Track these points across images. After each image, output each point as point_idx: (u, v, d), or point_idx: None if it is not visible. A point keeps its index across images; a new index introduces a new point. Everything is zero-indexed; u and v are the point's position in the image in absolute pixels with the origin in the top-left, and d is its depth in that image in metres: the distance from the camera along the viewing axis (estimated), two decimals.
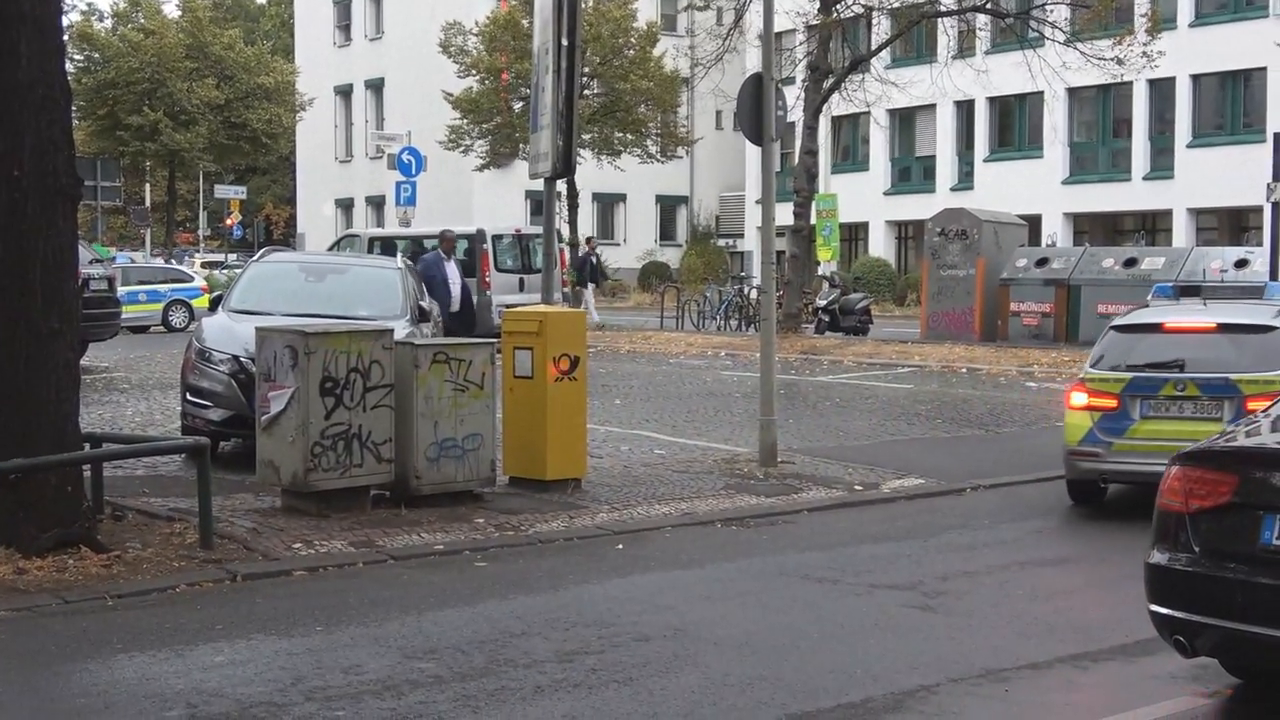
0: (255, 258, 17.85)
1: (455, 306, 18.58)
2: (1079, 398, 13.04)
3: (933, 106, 51.86)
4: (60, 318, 10.28)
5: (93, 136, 55.98)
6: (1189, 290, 14.87)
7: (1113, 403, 12.81)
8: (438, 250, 19.49)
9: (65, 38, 10.73)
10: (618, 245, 65.07)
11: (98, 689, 7.54)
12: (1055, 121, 48.46)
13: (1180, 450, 7.43)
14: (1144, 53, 32.79)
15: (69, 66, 10.82)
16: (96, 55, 55.06)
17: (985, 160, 53.46)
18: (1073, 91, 47.49)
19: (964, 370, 26.63)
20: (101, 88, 54.07)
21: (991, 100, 51.88)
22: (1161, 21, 39.97)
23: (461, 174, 55.05)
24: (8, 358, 10.20)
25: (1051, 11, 34.37)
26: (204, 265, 55.65)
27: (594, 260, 40.36)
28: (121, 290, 30.17)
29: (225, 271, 49.76)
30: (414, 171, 38.54)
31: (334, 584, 10.03)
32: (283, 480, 11.84)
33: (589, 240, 42.32)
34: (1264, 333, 12.72)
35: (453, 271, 18.91)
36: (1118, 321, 13.70)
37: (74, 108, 10.89)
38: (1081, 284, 30.48)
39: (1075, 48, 33.18)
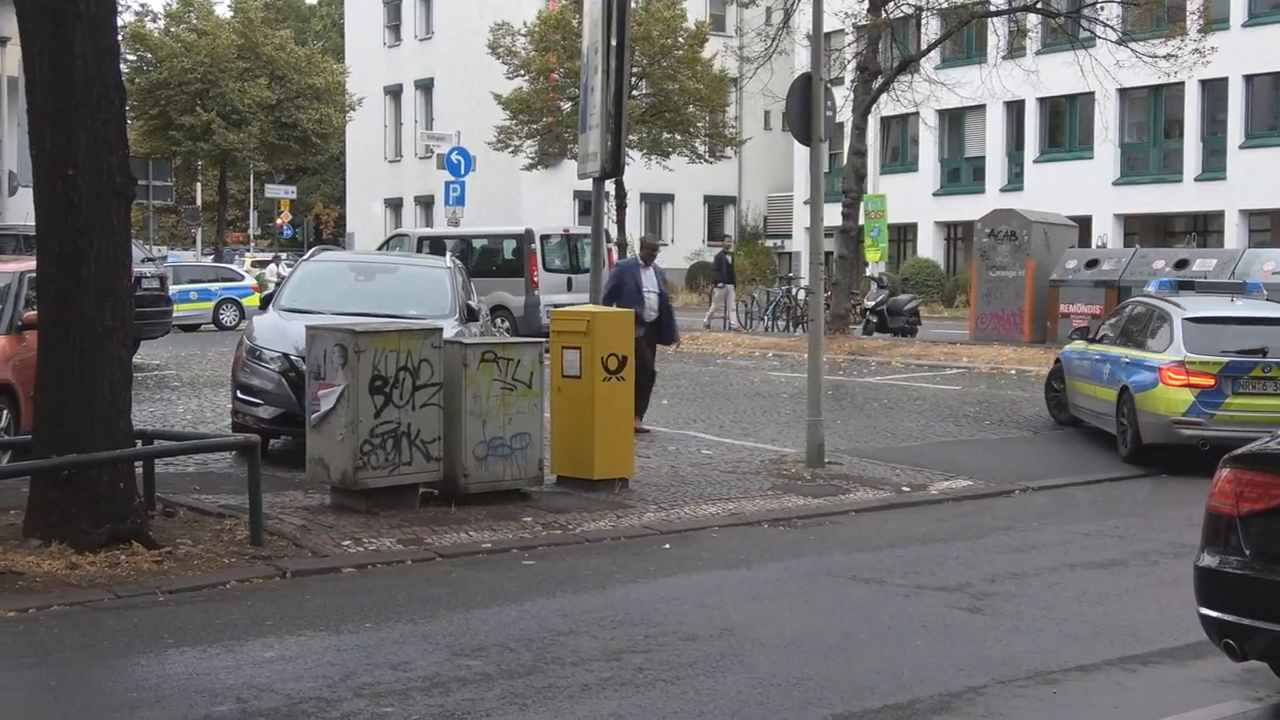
0: (305, 257, 17.93)
1: (651, 316, 17.18)
2: (1178, 378, 15.51)
3: (982, 107, 51.59)
4: (114, 315, 10.37)
5: (145, 136, 56.29)
6: (1185, 285, 18.47)
7: (1211, 381, 15.42)
8: (635, 255, 17.70)
9: (119, 38, 10.80)
10: (665, 245, 64.99)
11: (149, 683, 7.61)
12: (1106, 122, 48.15)
13: (1240, 450, 7.42)
14: (1196, 49, 32.54)
15: (122, 67, 10.89)
16: (149, 56, 55.39)
17: (1035, 161, 53.17)
18: (1124, 92, 47.17)
19: (1013, 372, 26.50)
20: (154, 88, 54.38)
21: (1042, 100, 51.58)
22: (1214, 21, 39.66)
23: (510, 174, 55.15)
24: (62, 354, 10.30)
25: (1103, 10, 34.16)
26: (254, 264, 55.92)
27: (728, 260, 39.66)
28: (173, 289, 30.38)
29: (274, 268, 50.01)
30: (463, 171, 38.65)
31: (383, 581, 10.08)
32: (332, 478, 11.91)
33: (724, 239, 41.74)
34: None
35: (650, 278, 17.26)
36: (1188, 315, 16.22)
37: (127, 108, 10.98)
38: (1132, 286, 30.21)
39: (1128, 47, 32.96)
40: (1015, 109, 52.77)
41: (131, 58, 54.57)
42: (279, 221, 75.31)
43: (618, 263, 18.59)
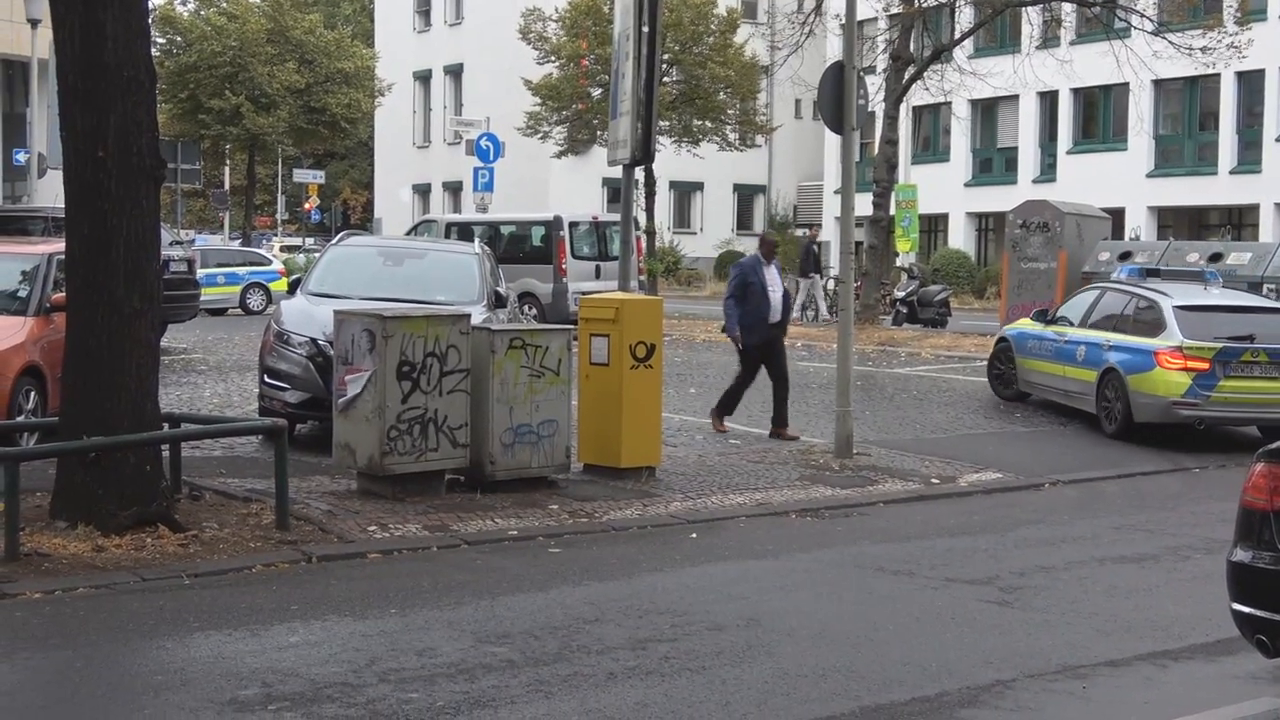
0: (333, 242, 17.95)
1: (776, 317, 16.53)
2: (1175, 361, 16.82)
3: (1015, 97, 51.41)
4: (142, 297, 10.40)
5: (174, 119, 56.43)
6: (1151, 272, 20.31)
7: (1206, 366, 16.75)
8: (756, 254, 16.87)
9: (150, 20, 10.83)
10: (694, 234, 64.99)
11: (175, 666, 7.64)
12: (1141, 113, 47.90)
13: (1260, 409, 7.51)
14: (1231, 44, 32.34)
15: (152, 50, 10.90)
16: (179, 39, 55.50)
17: (1068, 152, 52.94)
18: (1159, 83, 46.93)
19: None
20: (183, 71, 54.47)
21: (1076, 91, 51.34)
22: (1251, 12, 39.42)
23: (539, 160, 55.15)
24: (90, 335, 10.34)
25: (1138, 0, 33.99)
26: (283, 249, 55.99)
27: (815, 249, 38.63)
28: (200, 273, 30.46)
29: (304, 255, 50.13)
30: (492, 157, 38.68)
31: (408, 567, 10.11)
32: (358, 463, 11.94)
33: (811, 227, 41.00)
34: None
35: (773, 277, 16.49)
36: (1179, 303, 17.59)
37: (157, 90, 11.00)
38: (1170, 277, 30.09)
39: (1164, 38, 32.79)
40: (1048, 99, 52.56)
41: (161, 40, 54.69)
42: (307, 206, 75.38)
43: (738, 262, 17.56)
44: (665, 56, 41.57)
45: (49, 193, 29.36)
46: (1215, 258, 29.89)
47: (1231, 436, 17.80)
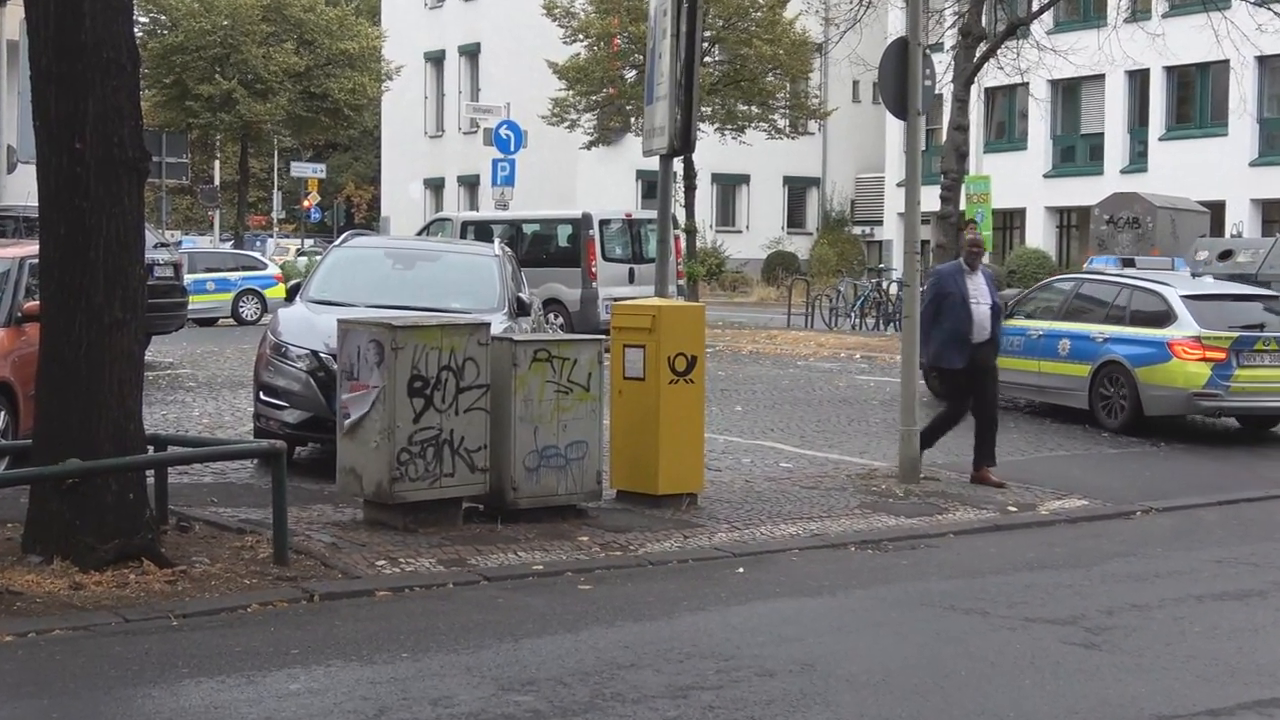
0: (336, 242, 18.04)
1: (981, 335, 15.36)
2: (1194, 352, 18.44)
3: (1101, 77, 51.26)
4: (124, 305, 10.45)
5: (158, 107, 56.77)
6: (1128, 262, 22.74)
7: (1223, 355, 18.39)
8: (958, 260, 15.78)
9: None
10: (739, 233, 65.02)
11: (162, 716, 7.68)
12: (1243, 94, 47.69)
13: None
14: None
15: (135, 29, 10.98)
16: (164, 17, 55.88)
17: (1161, 139, 52.78)
18: (1263, 60, 46.75)
19: None
20: (169, 53, 54.75)
21: (1169, 70, 51.19)
22: None
23: (566, 151, 55.24)
24: (66, 347, 10.39)
25: None
26: (300, 254, 56.04)
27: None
28: (188, 278, 30.61)
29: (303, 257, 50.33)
30: (513, 148, 38.77)
31: (421, 606, 10.13)
32: (365, 490, 11.98)
33: (967, 224, 40.16)
34: None
35: (979, 287, 15.43)
36: (1184, 292, 19.36)
37: (140, 74, 11.08)
38: (1272, 279, 29.99)
39: (1269, 8, 32.67)
40: (1138, 79, 52.40)
41: (144, 19, 54.99)
42: (306, 204, 75.67)
43: (936, 269, 16.63)
44: (707, 34, 41.61)
45: (20, 189, 29.53)
46: None
47: None
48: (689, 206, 42.68)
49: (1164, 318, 19.12)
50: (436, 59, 70.20)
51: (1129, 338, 19.28)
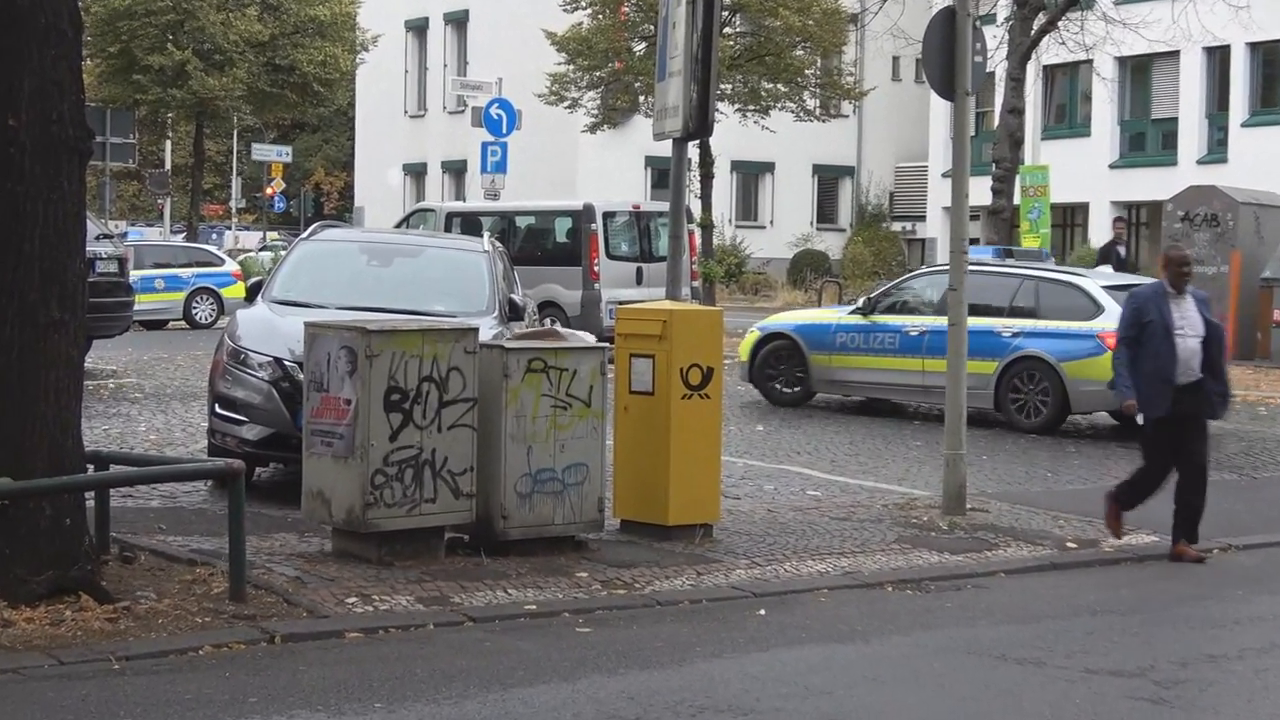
0: (303, 235, 18.06)
1: (1188, 376, 13.88)
2: None
3: (1175, 54, 51.29)
4: (61, 304, 10.44)
5: (102, 80, 56.81)
6: (1007, 253, 25.49)
7: None
8: (1159, 281, 14.39)
9: None
10: (762, 228, 65.08)
11: None
12: None
13: None
14: None
15: None
16: None
17: (1244, 124, 52.82)
18: None
19: None
20: (114, 18, 54.80)
21: (1253, 46, 51.23)
22: None
23: (565, 134, 55.38)
24: None
25: None
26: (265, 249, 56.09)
27: (1120, 253, 34.90)
28: (134, 275, 30.65)
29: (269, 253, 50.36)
30: (505, 130, 38.84)
31: (397, 650, 10.12)
32: (335, 517, 11.98)
33: (1116, 221, 38.83)
34: None
35: (1187, 314, 13.99)
36: (1103, 283, 21.41)
37: (83, 43, 11.10)
38: None
39: None
40: (1218, 56, 52.44)
41: None
42: (269, 191, 75.88)
43: (1134, 292, 15.23)
44: (727, 1, 41.67)
45: None
46: None
47: None
48: (705, 198, 42.73)
49: (1087, 310, 20.75)
50: (419, 28, 70.34)
51: (1048, 331, 20.78)
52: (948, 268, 22.82)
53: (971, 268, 22.39)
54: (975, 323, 19.95)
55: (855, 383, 23.09)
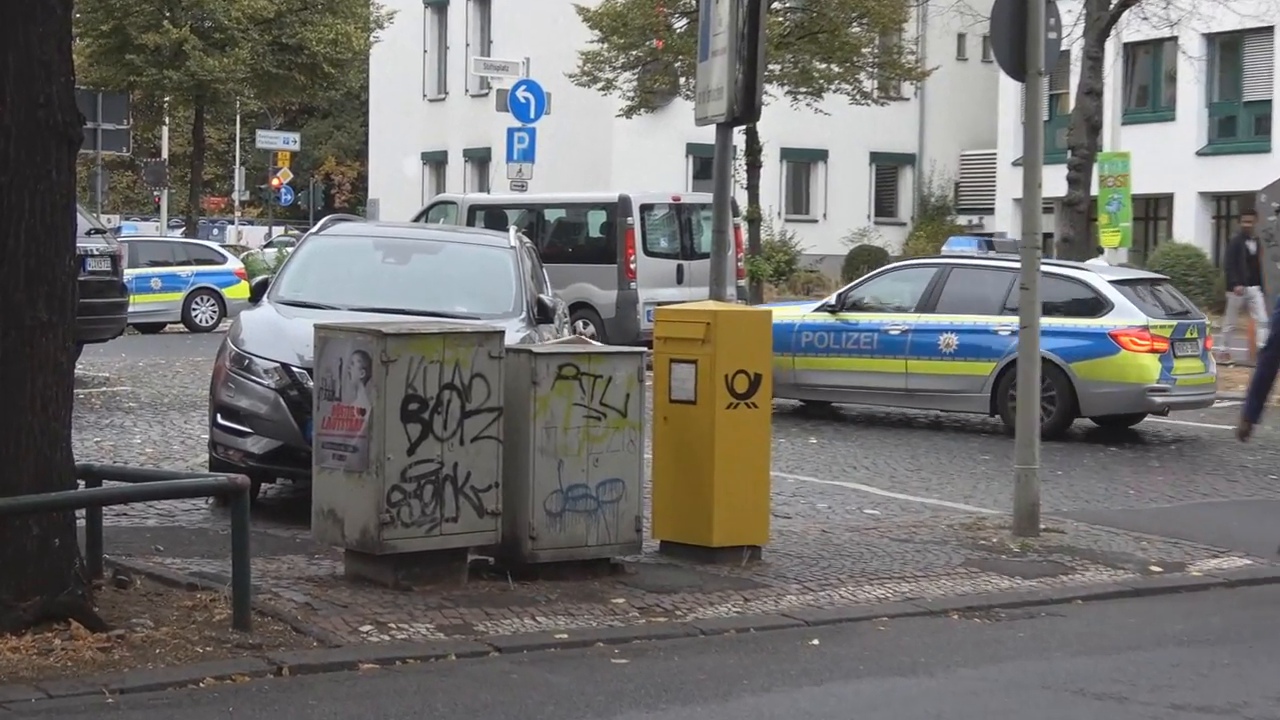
0: (313, 230, 18.08)
1: None
2: (1143, 343, 20.60)
3: (1269, 30, 51.20)
4: (50, 305, 10.47)
5: (93, 61, 57.05)
6: (988, 244, 26.21)
7: (1166, 345, 20.71)
8: None
9: None
10: (814, 222, 64.99)
11: None
12: None
13: None
14: None
15: None
16: None
17: None
18: None
19: None
20: None
21: None
22: None
23: (599, 119, 55.43)
24: None
25: None
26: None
27: (1250, 248, 34.32)
28: (129, 274, 30.74)
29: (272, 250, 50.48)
30: (533, 115, 38.87)
31: (416, 682, 10.13)
32: (347, 538, 11.99)
33: (1247, 214, 36.95)
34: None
35: None
36: (1111, 278, 21.90)
37: (72, 20, 11.13)
38: None
39: None
40: None
41: None
42: (275, 182, 76.07)
43: None
44: None
45: None
46: None
47: None
48: (752, 189, 42.76)
49: (1094, 306, 21.27)
50: (439, 4, 70.44)
51: (1052, 329, 19.96)
52: (932, 261, 23.66)
53: (951, 261, 23.10)
54: (957, 321, 21.27)
55: (824, 386, 23.23)
